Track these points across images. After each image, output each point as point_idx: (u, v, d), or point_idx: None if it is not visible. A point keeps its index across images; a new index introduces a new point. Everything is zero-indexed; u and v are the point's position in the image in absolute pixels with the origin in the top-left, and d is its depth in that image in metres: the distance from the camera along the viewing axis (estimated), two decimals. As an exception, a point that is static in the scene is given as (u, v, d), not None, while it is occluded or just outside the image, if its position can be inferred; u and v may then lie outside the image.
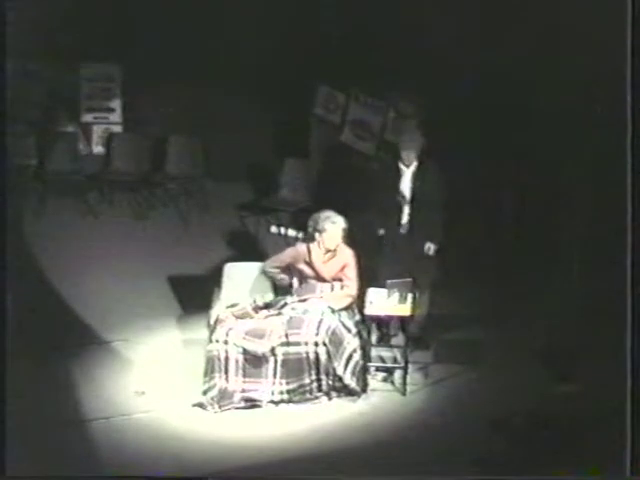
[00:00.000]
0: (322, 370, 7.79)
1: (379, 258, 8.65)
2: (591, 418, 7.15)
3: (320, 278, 8.24)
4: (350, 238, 8.32)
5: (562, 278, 8.82)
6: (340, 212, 8.31)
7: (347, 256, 8.26)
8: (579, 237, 8.65)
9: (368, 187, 8.98)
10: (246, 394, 7.81)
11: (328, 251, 8.24)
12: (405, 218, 8.58)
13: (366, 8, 9.84)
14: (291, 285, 8.39)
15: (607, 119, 7.46)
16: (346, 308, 8.17)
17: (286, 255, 8.40)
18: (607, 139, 7.54)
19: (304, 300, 8.18)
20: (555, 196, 9.09)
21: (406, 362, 8.04)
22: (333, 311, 8.06)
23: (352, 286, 8.25)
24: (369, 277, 8.41)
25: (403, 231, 8.57)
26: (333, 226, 8.16)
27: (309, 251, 8.27)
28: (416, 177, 8.55)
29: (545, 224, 9.14)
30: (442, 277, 9.15)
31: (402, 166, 8.59)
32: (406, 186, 8.58)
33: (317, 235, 8.20)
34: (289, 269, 8.38)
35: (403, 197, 8.56)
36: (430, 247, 8.56)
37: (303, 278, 8.30)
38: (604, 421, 6.93)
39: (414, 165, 8.59)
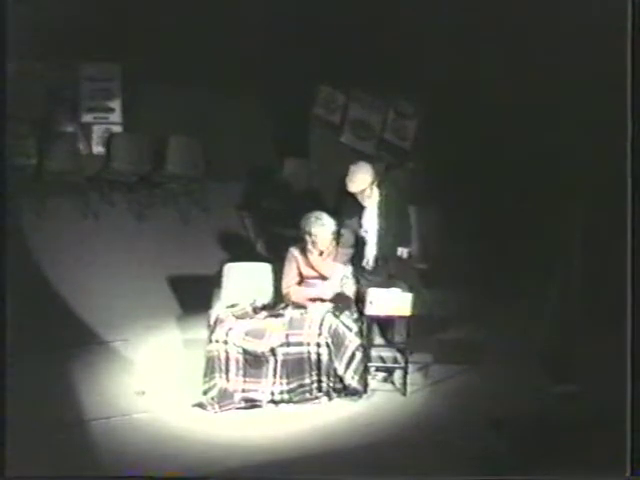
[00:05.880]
0: (323, 370, 7.79)
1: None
2: (591, 418, 7.15)
3: (322, 277, 8.25)
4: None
5: (562, 278, 8.81)
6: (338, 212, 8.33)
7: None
8: (579, 237, 8.64)
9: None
10: (246, 394, 7.81)
11: (322, 252, 8.25)
12: (371, 253, 8.51)
13: (366, 8, 9.85)
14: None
15: (607, 119, 7.46)
16: (349, 306, 8.18)
17: (291, 267, 8.34)
18: (607, 139, 7.54)
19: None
20: (555, 196, 9.08)
21: (406, 362, 8.04)
22: (338, 310, 8.06)
23: (352, 282, 8.26)
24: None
25: (370, 266, 8.49)
26: (322, 229, 8.16)
27: (305, 252, 8.27)
28: (380, 206, 8.41)
29: (545, 224, 9.14)
30: (441, 277, 9.18)
31: (364, 202, 8.41)
32: (371, 219, 8.44)
33: (308, 237, 8.20)
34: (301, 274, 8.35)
35: (366, 231, 8.49)
36: (403, 252, 8.50)
37: (304, 279, 8.29)
38: (604, 421, 6.93)
39: (375, 195, 8.49)
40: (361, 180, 8.35)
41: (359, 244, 8.46)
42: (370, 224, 8.44)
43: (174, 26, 10.57)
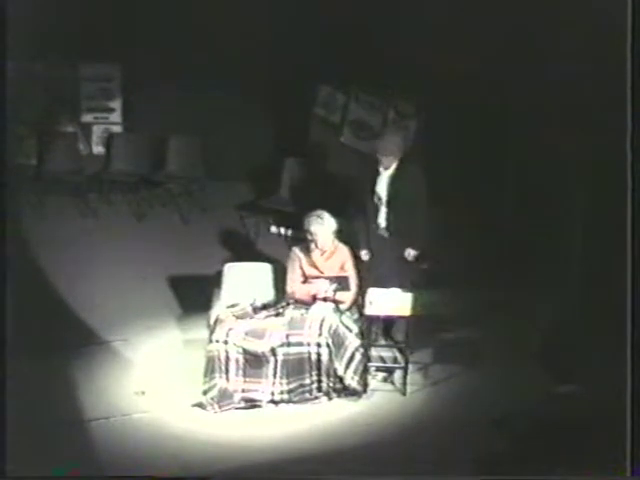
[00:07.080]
0: (323, 371, 7.79)
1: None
2: (591, 418, 7.14)
3: (324, 277, 8.24)
4: (344, 237, 8.32)
5: (562, 278, 8.82)
6: (338, 213, 8.32)
7: (344, 253, 8.27)
8: (579, 237, 8.64)
9: (349, 190, 8.88)
10: (246, 394, 7.81)
11: (324, 251, 8.25)
12: (383, 221, 8.51)
13: (366, 8, 9.85)
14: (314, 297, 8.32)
15: (607, 119, 7.46)
16: (351, 306, 8.18)
17: (294, 267, 8.33)
18: (607, 139, 7.54)
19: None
20: (555, 196, 9.09)
21: (406, 362, 8.04)
22: (338, 311, 8.06)
23: (354, 282, 8.26)
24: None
25: (382, 233, 8.51)
26: (321, 228, 8.16)
27: (308, 251, 8.27)
28: (394, 179, 8.47)
29: (545, 224, 9.14)
30: (441, 277, 9.17)
31: (381, 168, 8.50)
32: (383, 189, 8.50)
33: (309, 236, 8.20)
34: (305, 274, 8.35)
35: (380, 199, 8.50)
36: (410, 253, 8.48)
37: (306, 278, 8.29)
38: (604, 421, 6.93)
39: (393, 167, 8.49)
40: (388, 143, 8.42)
41: (370, 209, 8.47)
42: (382, 192, 8.44)
43: (174, 26, 10.57)
